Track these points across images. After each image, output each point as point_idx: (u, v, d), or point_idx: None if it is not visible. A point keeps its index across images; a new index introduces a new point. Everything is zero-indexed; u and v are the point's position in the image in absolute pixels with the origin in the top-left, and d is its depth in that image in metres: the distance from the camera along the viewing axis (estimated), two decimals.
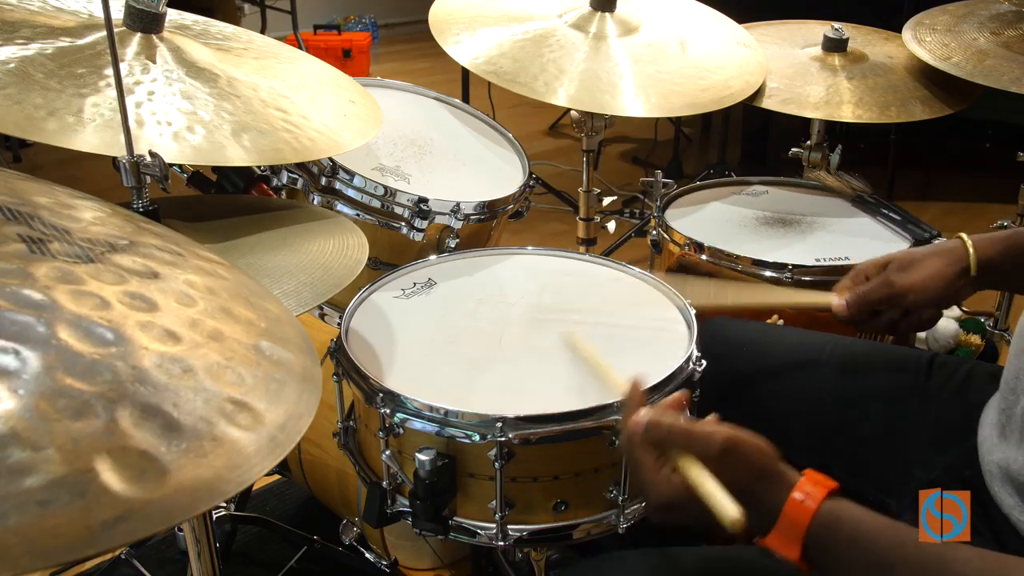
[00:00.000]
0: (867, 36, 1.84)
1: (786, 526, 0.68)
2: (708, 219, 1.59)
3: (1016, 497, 0.82)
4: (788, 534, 0.68)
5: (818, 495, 0.68)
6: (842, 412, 1.08)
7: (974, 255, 0.99)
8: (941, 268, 0.99)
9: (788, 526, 0.68)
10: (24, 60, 0.97)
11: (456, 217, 1.36)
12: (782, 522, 0.69)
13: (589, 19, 1.64)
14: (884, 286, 1.02)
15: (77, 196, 0.62)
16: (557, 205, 3.00)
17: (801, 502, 0.68)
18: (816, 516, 0.68)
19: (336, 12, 5.92)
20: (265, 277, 0.97)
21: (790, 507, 0.68)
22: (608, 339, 1.08)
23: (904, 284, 1.00)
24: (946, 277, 0.99)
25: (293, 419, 0.53)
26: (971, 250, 0.99)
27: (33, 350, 0.44)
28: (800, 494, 0.69)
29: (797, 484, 0.70)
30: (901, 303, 1.02)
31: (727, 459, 0.71)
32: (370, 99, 1.32)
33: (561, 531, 0.96)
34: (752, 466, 0.71)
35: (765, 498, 0.70)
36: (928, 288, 1.00)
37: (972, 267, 0.99)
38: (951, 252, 1.00)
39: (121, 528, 0.40)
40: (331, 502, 1.50)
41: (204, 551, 0.92)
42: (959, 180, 3.60)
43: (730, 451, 0.71)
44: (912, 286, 1.00)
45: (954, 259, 0.99)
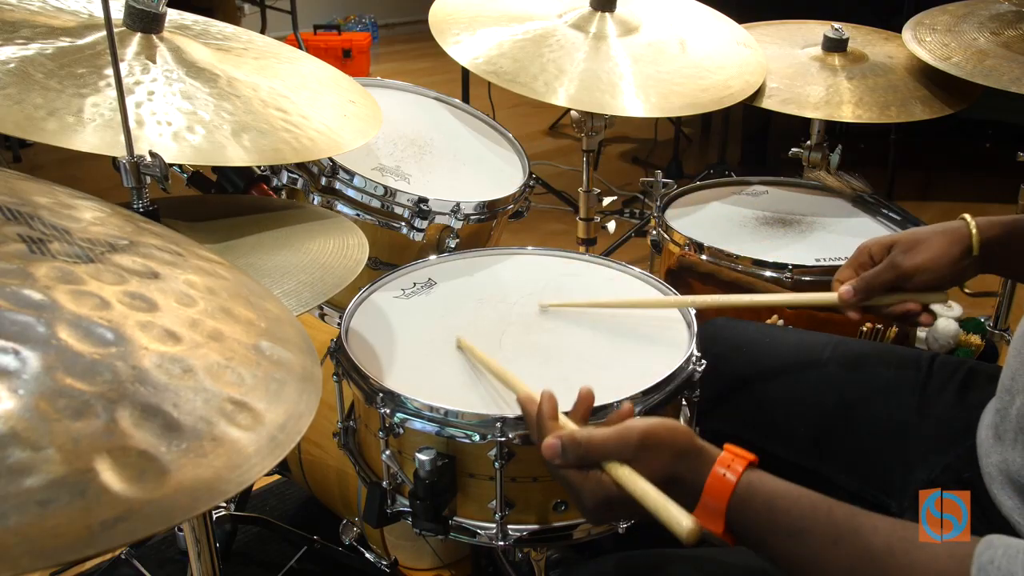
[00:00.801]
0: (867, 36, 1.84)
1: (709, 501, 0.70)
2: (708, 219, 1.59)
3: (1016, 499, 0.82)
4: (712, 509, 0.69)
5: (738, 468, 0.70)
6: (842, 412, 1.08)
7: (977, 235, 0.99)
8: (946, 248, 0.99)
9: (711, 501, 0.70)
10: (24, 60, 0.97)
11: (456, 217, 1.36)
12: (705, 497, 0.70)
13: (589, 19, 1.64)
14: (890, 268, 1.01)
15: (77, 196, 0.62)
16: (557, 205, 3.00)
17: (722, 476, 0.69)
18: (736, 489, 0.69)
19: (336, 12, 5.92)
20: (265, 277, 0.97)
21: (712, 481, 0.70)
22: (608, 339, 1.08)
23: (910, 265, 1.00)
24: (951, 256, 0.99)
25: (293, 419, 0.53)
26: (974, 230, 0.99)
27: (33, 350, 0.44)
28: (721, 468, 0.70)
29: (718, 459, 0.71)
30: (908, 285, 1.01)
31: (646, 452, 0.72)
32: (370, 99, 1.32)
33: (561, 531, 0.96)
34: (671, 449, 0.72)
35: (688, 477, 0.71)
36: (934, 268, 0.99)
37: (975, 247, 0.99)
38: (955, 231, 1.00)
39: (121, 528, 0.40)
40: (331, 502, 1.50)
41: (204, 551, 0.92)
42: (959, 180, 3.60)
43: (646, 444, 0.72)
44: (918, 266, 1.00)
45: (957, 238, 0.99)
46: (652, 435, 0.73)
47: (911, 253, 1.00)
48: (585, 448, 0.74)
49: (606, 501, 0.74)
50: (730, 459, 0.71)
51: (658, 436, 0.73)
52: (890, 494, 1.02)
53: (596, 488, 0.74)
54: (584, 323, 1.11)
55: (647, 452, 0.72)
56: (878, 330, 1.35)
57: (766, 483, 0.70)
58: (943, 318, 1.42)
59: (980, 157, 3.68)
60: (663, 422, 0.74)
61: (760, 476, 0.70)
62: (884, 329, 1.35)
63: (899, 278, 1.01)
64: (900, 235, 1.03)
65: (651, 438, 0.73)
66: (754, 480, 0.70)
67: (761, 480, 0.70)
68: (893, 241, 1.03)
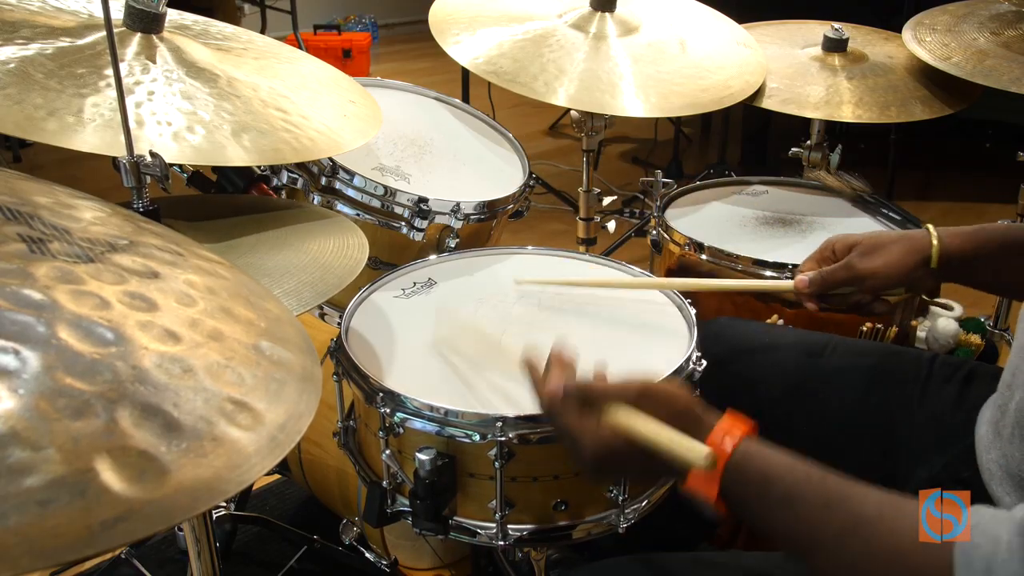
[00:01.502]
0: (867, 36, 1.84)
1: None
2: (708, 219, 1.59)
3: (1015, 495, 0.82)
4: (707, 475, 0.69)
5: (736, 435, 0.70)
6: (842, 412, 1.08)
7: (937, 247, 1.00)
8: (902, 256, 1.01)
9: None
10: (24, 60, 0.97)
11: (456, 217, 1.36)
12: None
13: (589, 19, 1.64)
14: (845, 269, 1.03)
15: (77, 196, 0.62)
16: (557, 205, 3.00)
17: (720, 442, 0.70)
18: (732, 456, 0.69)
19: (336, 12, 5.92)
20: (265, 277, 0.97)
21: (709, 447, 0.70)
22: (608, 339, 1.09)
23: (865, 268, 1.01)
24: (906, 265, 1.00)
25: (293, 419, 0.53)
26: (935, 242, 1.00)
27: (33, 350, 0.44)
28: (719, 434, 0.70)
29: (716, 425, 0.71)
30: (860, 286, 1.03)
31: (644, 403, 0.73)
32: (370, 99, 1.32)
33: (561, 531, 0.96)
34: (670, 407, 0.73)
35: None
36: (887, 275, 1.01)
37: (933, 259, 1.00)
38: (915, 241, 1.01)
39: (121, 528, 0.40)
40: (331, 502, 1.50)
41: (204, 551, 0.92)
42: (959, 180, 3.60)
43: (646, 395, 0.73)
44: (872, 271, 1.01)
45: (916, 248, 1.01)
46: (653, 388, 0.74)
47: (868, 257, 1.02)
48: (586, 388, 0.76)
49: (605, 449, 0.74)
50: (728, 426, 0.71)
51: (659, 390, 0.74)
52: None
53: (595, 433, 0.74)
54: (584, 323, 1.12)
55: (645, 402, 0.73)
56: (878, 330, 1.35)
57: (762, 452, 0.70)
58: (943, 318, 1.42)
59: (980, 157, 3.68)
60: (666, 382, 0.76)
61: (757, 445, 0.70)
62: (884, 329, 1.35)
63: (853, 279, 1.03)
64: (863, 236, 1.04)
65: (651, 390, 0.74)
66: (750, 448, 0.70)
67: (758, 449, 0.70)
68: (855, 242, 1.04)
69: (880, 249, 1.02)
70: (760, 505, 0.69)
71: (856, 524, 0.64)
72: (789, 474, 0.68)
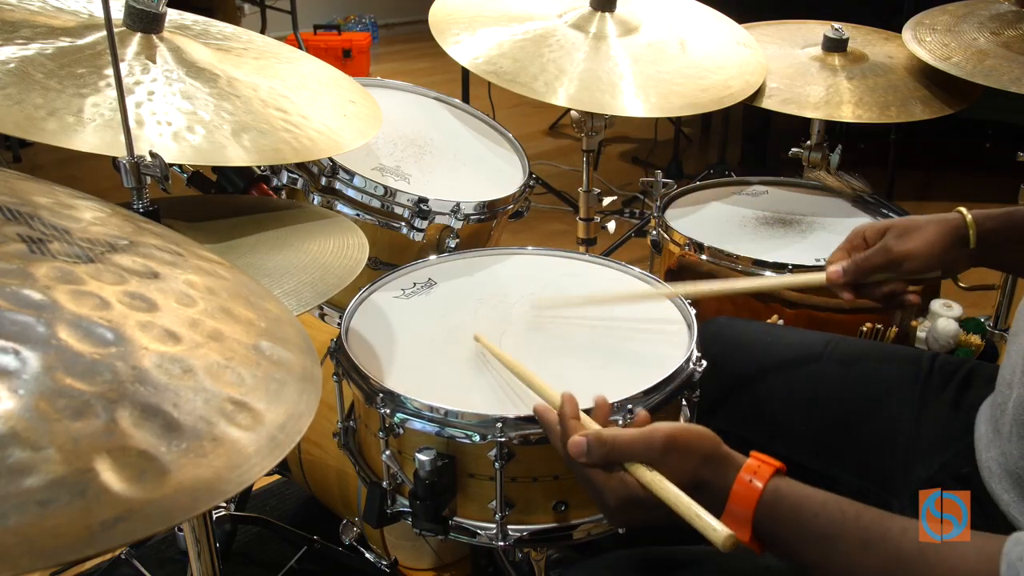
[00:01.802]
0: (867, 36, 1.84)
1: (736, 508, 0.69)
2: (708, 219, 1.59)
3: (1013, 492, 0.83)
4: (738, 516, 0.69)
5: (764, 475, 0.69)
6: (842, 411, 1.08)
7: (973, 226, 0.99)
8: (939, 236, 1.00)
9: (737, 508, 0.69)
10: (24, 60, 0.97)
11: (456, 217, 1.36)
12: (731, 504, 0.70)
13: (589, 19, 1.64)
14: (881, 252, 1.02)
15: (77, 196, 0.62)
16: (557, 205, 3.00)
17: (749, 482, 0.69)
18: (762, 495, 0.68)
19: (336, 12, 5.92)
20: (265, 277, 0.97)
21: (738, 488, 0.69)
22: (608, 339, 1.08)
23: (901, 250, 1.00)
24: (944, 245, 1.00)
25: (293, 419, 0.53)
26: (970, 222, 0.99)
27: (33, 350, 0.44)
28: (747, 475, 0.70)
29: (744, 466, 0.70)
30: (897, 270, 1.02)
31: (671, 455, 0.72)
32: (370, 99, 1.32)
33: (561, 531, 0.96)
34: (697, 454, 0.72)
35: (714, 482, 0.71)
36: (925, 255, 1.00)
37: (971, 239, 0.99)
38: (950, 222, 1.00)
39: (121, 528, 0.40)
40: (331, 502, 1.50)
41: (204, 551, 0.92)
42: (959, 180, 3.60)
43: (672, 447, 0.72)
44: (909, 252, 1.00)
45: (952, 228, 1.00)
46: (678, 438, 0.72)
47: (904, 238, 1.01)
48: (610, 447, 0.74)
49: (630, 502, 0.73)
50: (756, 466, 0.70)
51: (684, 440, 0.72)
52: (891, 492, 1.02)
53: (619, 488, 0.74)
54: (584, 323, 1.11)
55: (672, 455, 0.72)
56: (878, 330, 1.35)
57: (793, 489, 0.69)
58: (943, 318, 1.42)
59: (980, 157, 3.67)
60: (689, 427, 0.74)
61: (787, 483, 0.69)
62: (884, 329, 1.35)
63: (890, 263, 1.01)
64: (895, 220, 1.04)
65: (677, 441, 0.72)
66: (781, 487, 0.69)
67: (788, 486, 0.69)
68: (888, 226, 1.03)
69: (915, 231, 1.01)
70: (796, 544, 0.68)
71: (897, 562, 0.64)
72: (823, 511, 0.68)
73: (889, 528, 0.66)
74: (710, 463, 0.72)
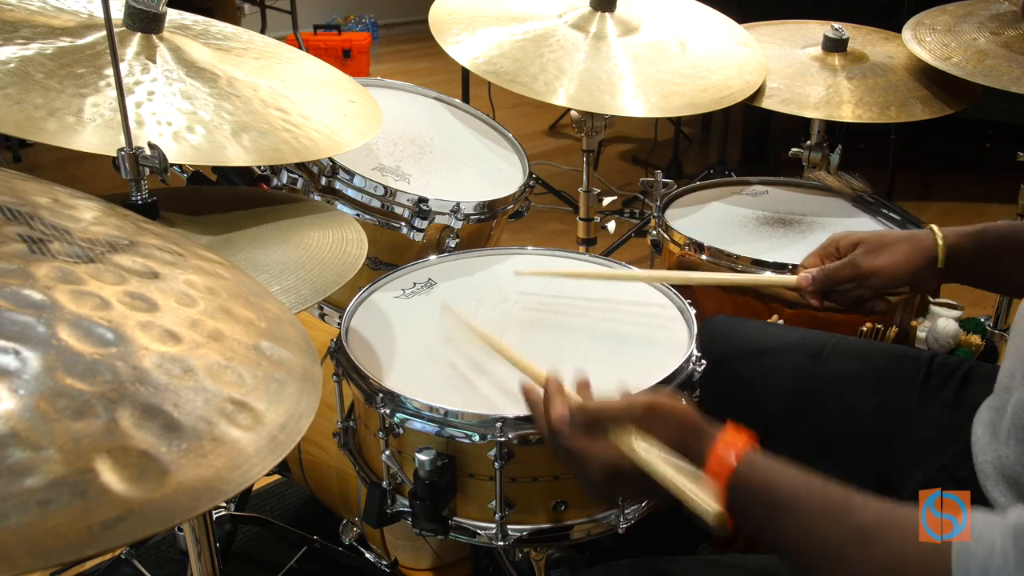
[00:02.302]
0: (867, 36, 1.84)
1: (710, 478, 0.70)
2: (708, 219, 1.59)
3: (1010, 496, 0.82)
4: (712, 486, 0.70)
5: (740, 447, 0.71)
6: (841, 411, 1.08)
7: (943, 246, 1.00)
8: (907, 256, 1.01)
9: (712, 478, 0.70)
10: (24, 60, 0.97)
11: (456, 217, 1.36)
12: (706, 475, 0.71)
13: (589, 19, 1.64)
14: (850, 266, 1.03)
15: (77, 196, 0.62)
16: (557, 205, 3.00)
17: (723, 455, 0.70)
18: (736, 468, 0.70)
19: (336, 12, 5.92)
20: (264, 273, 0.97)
21: (713, 460, 0.71)
22: (608, 339, 1.09)
23: (869, 267, 1.02)
24: (910, 265, 1.01)
25: (293, 419, 0.53)
26: (940, 242, 1.00)
27: (33, 350, 0.44)
28: (722, 447, 0.71)
29: (719, 438, 0.72)
30: (865, 284, 1.04)
31: (652, 421, 0.74)
32: (370, 99, 1.32)
33: (561, 531, 0.96)
34: (676, 421, 0.74)
35: (690, 452, 0.72)
36: (891, 273, 1.01)
37: (940, 259, 1.00)
38: (920, 241, 1.02)
39: (121, 528, 0.40)
40: (331, 502, 1.50)
41: (204, 551, 0.92)
42: (959, 180, 3.60)
43: (652, 413, 0.74)
44: (876, 269, 1.02)
45: (922, 248, 1.01)
46: (658, 405, 0.74)
47: (873, 255, 1.02)
48: (593, 410, 0.76)
49: (614, 471, 0.74)
50: (732, 439, 0.72)
51: (663, 407, 0.74)
52: (890, 493, 1.01)
53: (604, 456, 0.75)
54: (584, 323, 1.12)
55: (653, 421, 0.74)
56: (878, 330, 1.35)
57: (765, 463, 0.71)
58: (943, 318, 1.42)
59: (980, 157, 3.68)
60: (667, 397, 0.76)
61: (760, 457, 0.71)
62: (884, 329, 1.35)
63: (857, 277, 1.03)
64: (868, 235, 1.05)
65: (657, 408, 0.74)
66: (754, 460, 0.70)
67: (760, 460, 0.71)
68: (859, 240, 1.04)
69: (885, 248, 1.02)
70: (763, 516, 0.70)
71: (857, 533, 0.65)
72: (791, 485, 0.69)
73: (852, 500, 0.67)
74: (687, 432, 0.73)
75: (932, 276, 1.02)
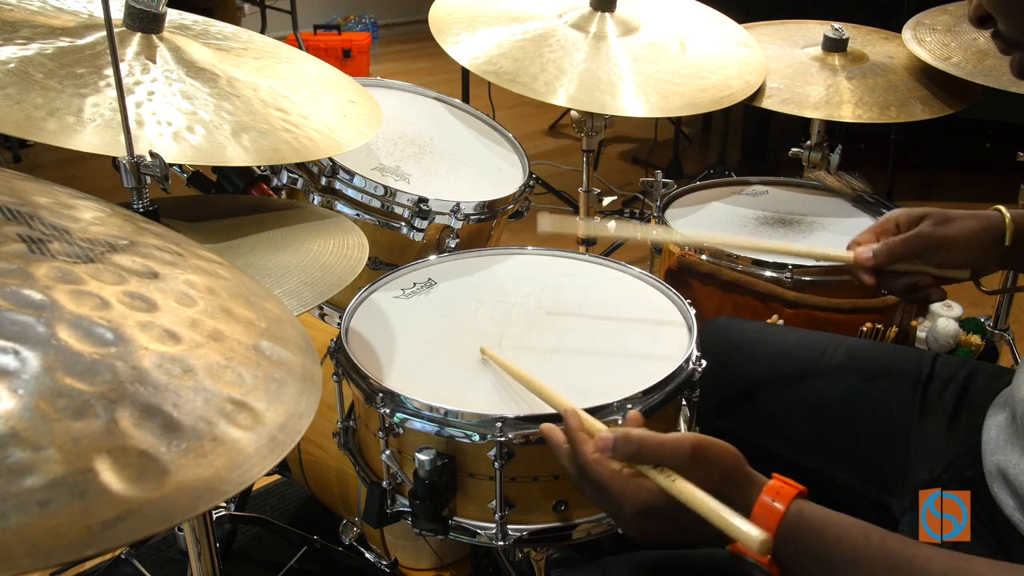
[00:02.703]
0: (867, 36, 1.84)
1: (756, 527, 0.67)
2: (708, 219, 1.59)
3: (1015, 500, 0.82)
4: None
5: (787, 496, 0.68)
6: (843, 411, 1.08)
7: (1011, 225, 0.97)
8: (978, 229, 0.98)
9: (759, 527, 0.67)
10: (24, 60, 0.97)
11: (456, 217, 1.36)
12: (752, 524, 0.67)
13: (589, 19, 1.64)
14: (918, 238, 0.99)
15: (77, 196, 0.62)
16: (557, 205, 3.00)
17: (770, 504, 0.68)
18: (784, 517, 0.67)
19: (336, 12, 5.92)
20: (265, 277, 0.97)
21: (760, 509, 0.68)
22: (608, 339, 1.08)
23: (942, 235, 0.98)
24: (982, 239, 0.98)
25: (293, 419, 0.53)
26: (1008, 220, 0.98)
27: (33, 350, 0.44)
28: (769, 496, 0.68)
29: (766, 487, 0.69)
30: (931, 260, 0.99)
31: (697, 464, 0.70)
32: (370, 99, 1.32)
33: (561, 531, 0.96)
34: (721, 467, 0.71)
35: (734, 500, 0.69)
36: (963, 245, 0.98)
37: (1008, 236, 0.97)
38: (988, 218, 0.99)
39: (121, 528, 0.40)
40: (331, 502, 1.50)
41: (204, 551, 0.92)
42: (959, 180, 3.60)
43: (698, 456, 0.70)
44: (949, 240, 0.98)
45: (991, 224, 0.98)
46: (704, 449, 0.71)
47: (944, 226, 0.99)
48: (639, 444, 0.72)
49: (648, 509, 0.71)
50: (779, 487, 0.69)
51: (710, 451, 0.71)
52: (891, 493, 1.02)
53: (639, 494, 0.72)
54: (584, 323, 1.11)
55: (698, 464, 0.70)
56: (878, 330, 1.35)
57: (816, 512, 0.68)
58: (943, 318, 1.42)
59: (980, 157, 3.67)
60: (715, 440, 0.72)
61: (810, 505, 0.68)
62: (884, 329, 1.35)
63: (927, 249, 0.99)
64: (932, 209, 1.01)
65: (702, 451, 0.71)
66: (804, 509, 0.68)
67: (811, 509, 0.68)
68: (925, 213, 1.01)
69: (954, 220, 0.99)
70: (817, 568, 0.67)
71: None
72: (847, 535, 0.66)
73: (914, 554, 0.64)
74: (732, 480, 0.70)
75: (996, 256, 0.99)
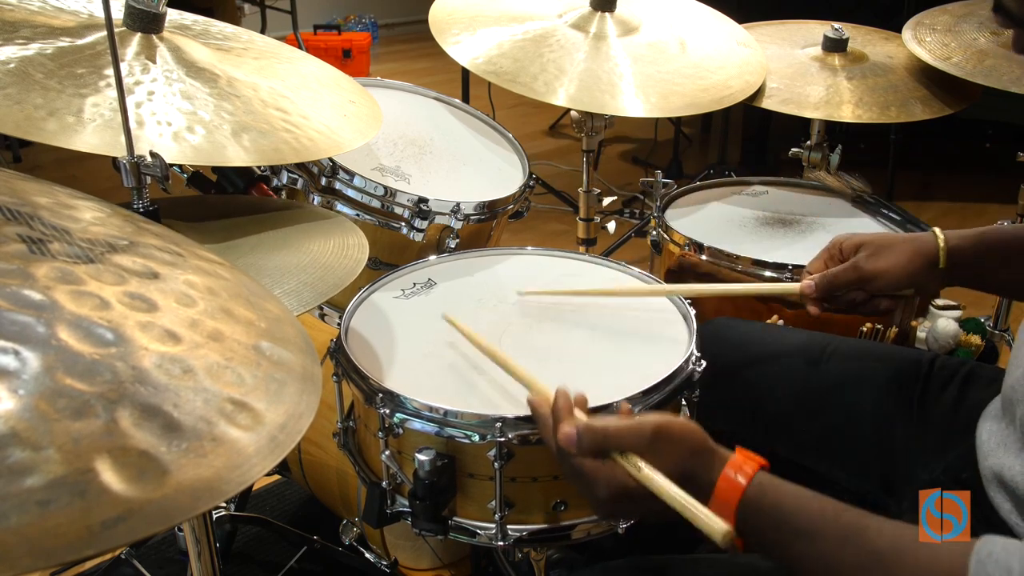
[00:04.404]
0: (867, 36, 1.84)
1: (720, 502, 0.70)
2: (708, 219, 1.59)
3: (1011, 503, 0.82)
4: (722, 510, 0.69)
5: (749, 471, 0.70)
6: (842, 412, 1.08)
7: (944, 248, 1.00)
8: (910, 257, 1.01)
9: (722, 502, 0.70)
10: (24, 60, 0.97)
11: (456, 217, 1.36)
12: (716, 499, 0.70)
13: (589, 19, 1.64)
14: (852, 270, 1.03)
15: (77, 196, 0.62)
16: (557, 205, 3.01)
17: (733, 478, 0.70)
18: (746, 491, 0.69)
19: (336, 12, 5.92)
20: (265, 277, 0.97)
21: (723, 483, 0.70)
22: (608, 339, 1.08)
23: (871, 270, 1.02)
24: (913, 267, 1.01)
25: (293, 419, 0.53)
26: (941, 243, 1.00)
27: (33, 350, 0.44)
28: (732, 470, 0.70)
29: (729, 461, 0.71)
30: (867, 287, 1.03)
31: (660, 445, 0.73)
32: (370, 99, 1.32)
33: (561, 531, 0.96)
34: (684, 446, 0.73)
35: (699, 476, 0.72)
36: (895, 275, 1.01)
37: (941, 260, 1.00)
38: (922, 243, 1.02)
39: (121, 528, 0.40)
40: (331, 502, 1.50)
41: (204, 551, 0.92)
42: (959, 180, 3.60)
43: (660, 437, 0.73)
44: (878, 273, 1.01)
45: (923, 250, 1.01)
46: (666, 429, 0.73)
47: (875, 257, 1.02)
48: (601, 434, 0.75)
49: (621, 492, 0.74)
50: (741, 461, 0.71)
51: (672, 431, 0.74)
52: (890, 493, 1.02)
53: (611, 478, 0.74)
54: (584, 323, 1.11)
55: (660, 445, 0.73)
56: (878, 330, 1.35)
57: (776, 486, 0.70)
58: (943, 318, 1.42)
59: (980, 157, 3.67)
60: (676, 419, 0.75)
61: (770, 479, 0.71)
62: (884, 329, 1.35)
63: (860, 280, 1.03)
64: (870, 237, 1.04)
65: (665, 432, 0.73)
66: (764, 483, 0.70)
67: (771, 483, 0.70)
68: (862, 242, 1.04)
69: (887, 250, 1.02)
70: (777, 539, 0.69)
71: (873, 559, 0.65)
72: (804, 508, 0.69)
73: (867, 526, 0.67)
74: (696, 456, 0.73)
75: (934, 278, 1.02)
